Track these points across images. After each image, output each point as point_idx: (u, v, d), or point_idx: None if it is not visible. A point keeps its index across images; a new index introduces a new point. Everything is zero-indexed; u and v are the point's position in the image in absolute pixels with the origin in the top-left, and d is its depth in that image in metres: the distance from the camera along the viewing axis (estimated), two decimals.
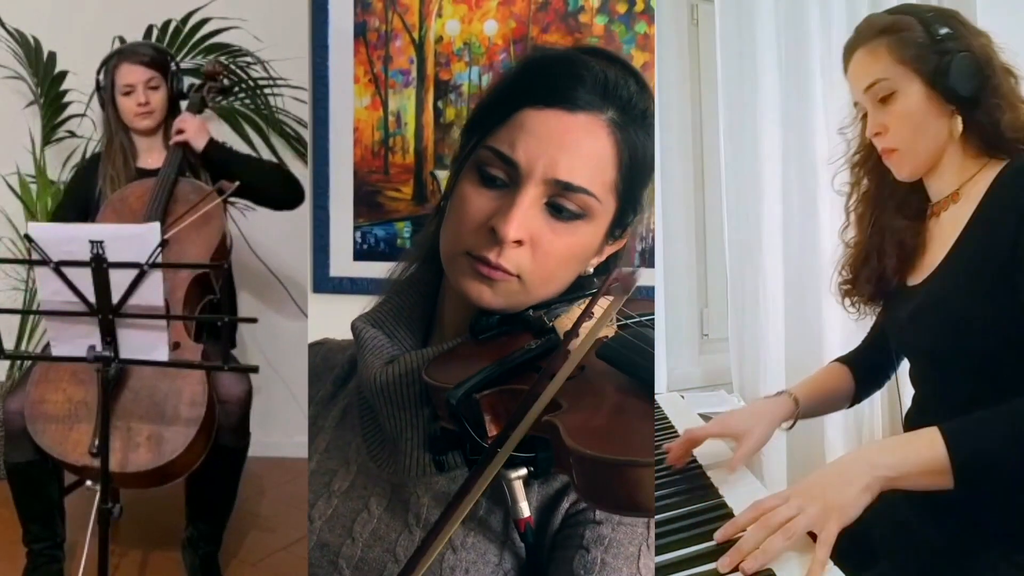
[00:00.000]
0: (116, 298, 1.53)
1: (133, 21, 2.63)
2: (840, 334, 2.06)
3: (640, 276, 0.84)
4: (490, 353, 0.86)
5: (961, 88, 1.20)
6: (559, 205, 0.87)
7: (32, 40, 2.70)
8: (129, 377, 1.81)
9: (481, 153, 0.89)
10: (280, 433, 2.69)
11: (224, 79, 2.33)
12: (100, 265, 1.49)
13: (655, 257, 2.30)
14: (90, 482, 1.79)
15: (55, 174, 2.76)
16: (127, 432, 1.77)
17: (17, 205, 2.74)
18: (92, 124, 2.71)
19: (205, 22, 2.66)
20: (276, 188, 2.18)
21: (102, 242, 1.49)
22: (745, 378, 2.24)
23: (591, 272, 0.95)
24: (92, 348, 1.56)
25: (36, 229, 1.54)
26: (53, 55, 2.71)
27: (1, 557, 2.06)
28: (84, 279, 1.51)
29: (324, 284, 2.33)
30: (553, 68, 0.90)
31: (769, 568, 0.93)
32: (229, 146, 2.21)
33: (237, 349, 2.38)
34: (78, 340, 1.57)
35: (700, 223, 2.43)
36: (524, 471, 0.79)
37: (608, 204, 0.89)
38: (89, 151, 2.68)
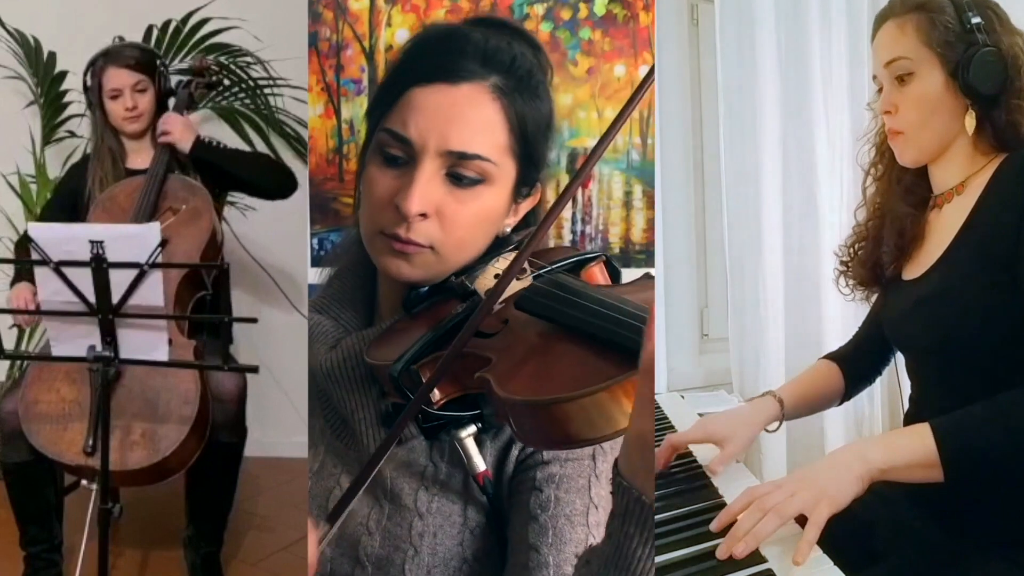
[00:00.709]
0: (116, 298, 1.53)
1: (133, 21, 2.62)
2: (840, 334, 2.06)
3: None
4: (424, 325, 0.90)
5: (980, 85, 1.17)
6: (457, 174, 0.90)
7: (32, 40, 2.70)
8: (123, 375, 1.80)
9: (379, 136, 0.93)
10: (278, 433, 2.69)
11: (213, 75, 2.32)
12: (100, 265, 1.49)
13: (655, 257, 2.30)
14: (86, 481, 1.79)
15: (55, 174, 2.75)
16: (122, 430, 1.77)
17: (17, 205, 2.74)
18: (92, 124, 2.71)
19: (205, 22, 2.65)
20: (267, 179, 2.16)
21: (102, 242, 1.49)
22: (745, 378, 2.24)
23: (509, 232, 0.98)
24: (92, 348, 1.56)
25: (36, 229, 1.54)
26: (53, 55, 2.71)
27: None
28: (84, 279, 1.51)
29: None
30: (435, 45, 0.94)
31: (765, 560, 0.93)
32: (216, 142, 2.17)
33: (232, 347, 2.38)
34: (78, 340, 1.57)
35: (700, 223, 2.43)
36: (473, 428, 0.85)
37: (506, 166, 0.93)
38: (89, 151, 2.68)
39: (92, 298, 1.52)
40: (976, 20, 1.17)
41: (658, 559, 0.97)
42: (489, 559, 0.91)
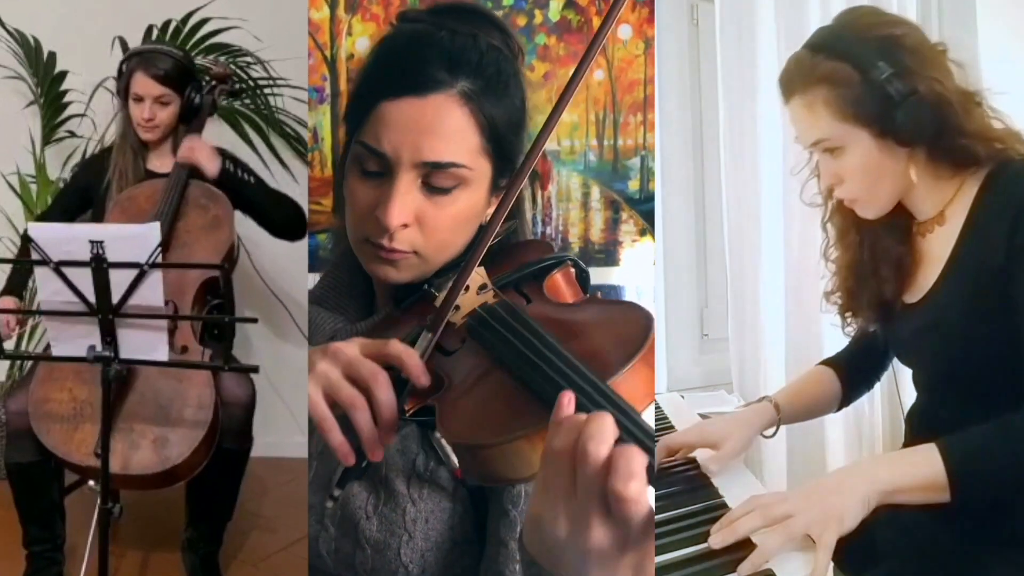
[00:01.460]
0: (116, 298, 1.53)
1: (133, 21, 2.63)
2: (840, 334, 2.06)
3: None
4: (410, 319, 0.93)
5: (915, 136, 1.12)
6: (433, 184, 0.93)
7: (32, 40, 2.70)
8: (135, 379, 1.80)
9: (355, 148, 0.96)
10: (279, 433, 2.69)
11: (236, 83, 2.31)
12: (100, 265, 1.49)
13: (655, 257, 2.31)
14: (92, 482, 1.79)
15: (55, 174, 2.76)
16: (132, 434, 1.76)
17: (17, 205, 2.74)
18: (92, 124, 2.71)
19: (205, 22, 2.65)
20: (282, 218, 2.15)
21: (102, 242, 1.48)
22: (745, 378, 2.24)
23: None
24: (92, 348, 1.56)
25: (36, 229, 1.54)
26: (53, 55, 2.71)
27: (0, 558, 2.06)
28: (84, 279, 1.51)
29: None
30: (401, 52, 0.95)
31: (768, 568, 0.93)
32: (241, 171, 2.13)
33: (235, 350, 2.38)
34: (78, 340, 1.56)
35: (700, 223, 2.43)
36: None
37: (481, 166, 0.95)
38: (89, 151, 2.68)
39: (92, 298, 1.52)
40: (886, 71, 1.10)
41: (658, 559, 0.97)
42: (479, 542, 0.95)
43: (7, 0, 2.69)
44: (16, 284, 2.10)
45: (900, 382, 1.51)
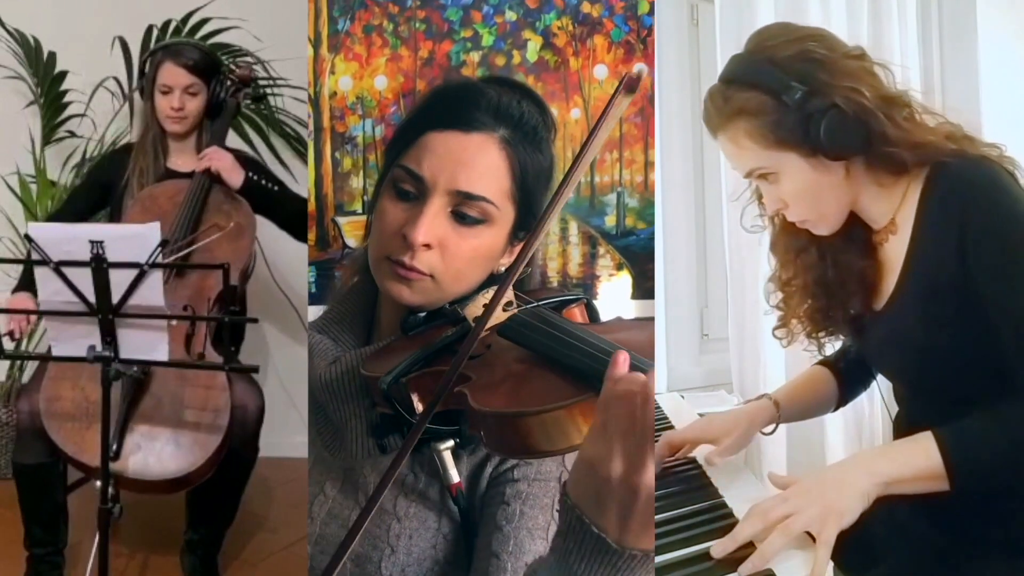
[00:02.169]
0: (116, 298, 1.52)
1: (133, 21, 2.63)
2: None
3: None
4: (418, 346, 0.99)
5: (845, 149, 1.10)
6: (462, 212, 1.00)
7: (32, 40, 2.70)
8: (152, 383, 1.79)
9: (395, 171, 1.02)
10: (278, 433, 2.68)
11: (260, 88, 2.31)
12: (100, 265, 1.49)
13: (655, 257, 2.31)
14: (99, 482, 1.78)
15: (55, 174, 2.76)
16: (147, 439, 1.75)
17: (17, 205, 2.74)
18: (92, 124, 2.71)
19: (205, 22, 2.66)
20: (303, 225, 2.17)
21: (102, 242, 1.48)
22: (745, 378, 2.24)
23: (503, 271, 1.06)
24: (92, 348, 1.56)
25: (36, 229, 1.54)
26: (53, 55, 2.71)
27: (1, 558, 2.06)
28: (84, 279, 1.51)
29: None
30: (452, 95, 1.05)
31: (768, 568, 0.93)
32: (265, 181, 2.12)
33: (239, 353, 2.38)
34: (78, 340, 1.56)
35: (700, 223, 2.43)
36: (451, 442, 0.95)
37: (507, 209, 1.02)
38: (89, 151, 2.68)
39: (92, 298, 1.52)
40: (799, 92, 1.08)
41: (658, 559, 0.97)
42: (459, 563, 1.00)
43: (7, 0, 2.69)
44: (30, 281, 2.09)
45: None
